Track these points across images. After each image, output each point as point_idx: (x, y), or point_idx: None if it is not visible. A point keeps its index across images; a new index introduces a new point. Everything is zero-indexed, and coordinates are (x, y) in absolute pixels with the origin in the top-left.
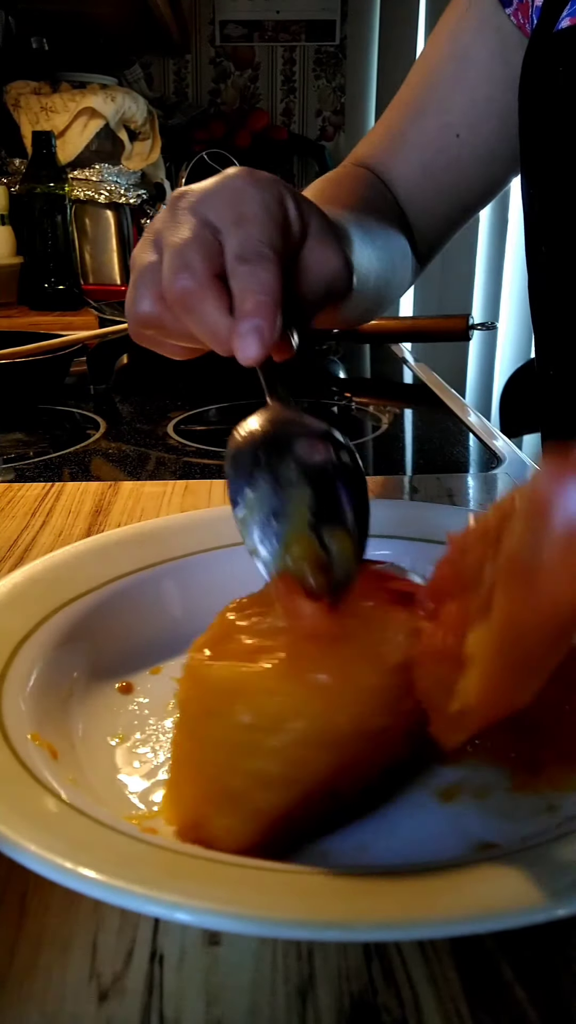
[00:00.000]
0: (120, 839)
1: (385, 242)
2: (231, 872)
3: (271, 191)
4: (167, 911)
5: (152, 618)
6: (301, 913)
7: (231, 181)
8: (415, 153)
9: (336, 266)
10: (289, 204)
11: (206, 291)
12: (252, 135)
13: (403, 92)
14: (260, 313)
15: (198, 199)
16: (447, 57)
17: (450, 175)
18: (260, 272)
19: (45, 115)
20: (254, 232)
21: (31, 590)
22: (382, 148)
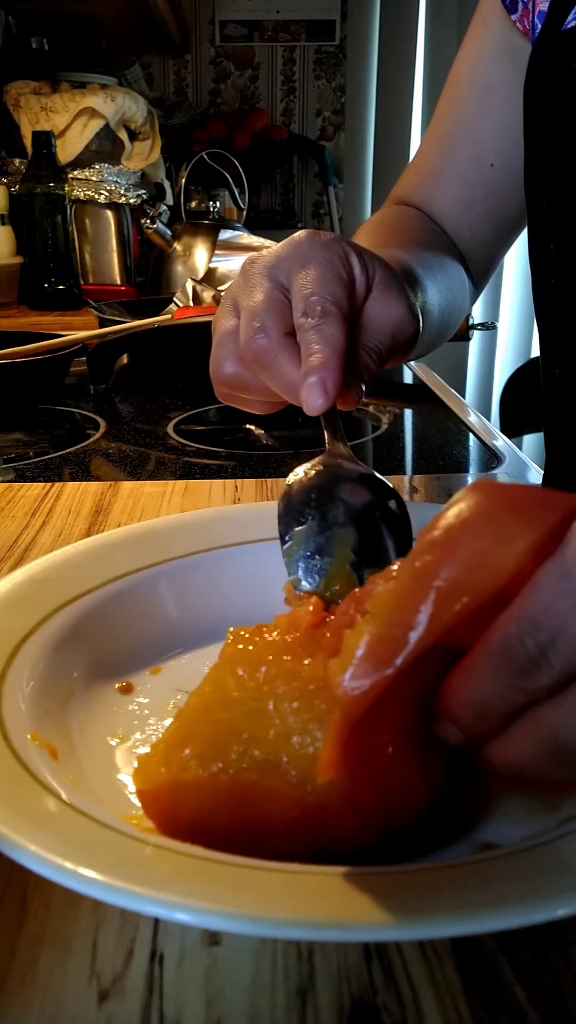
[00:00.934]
0: (120, 839)
1: (444, 274)
2: (231, 872)
3: (334, 249)
4: (167, 911)
5: (152, 618)
6: (300, 913)
7: (298, 243)
8: (453, 188)
9: (401, 313)
10: (353, 260)
11: (278, 349)
12: (252, 135)
13: (432, 129)
14: (323, 366)
15: (268, 263)
16: (469, 89)
17: (490, 202)
18: (324, 327)
19: (45, 115)
20: (318, 289)
21: (31, 590)
22: (420, 186)
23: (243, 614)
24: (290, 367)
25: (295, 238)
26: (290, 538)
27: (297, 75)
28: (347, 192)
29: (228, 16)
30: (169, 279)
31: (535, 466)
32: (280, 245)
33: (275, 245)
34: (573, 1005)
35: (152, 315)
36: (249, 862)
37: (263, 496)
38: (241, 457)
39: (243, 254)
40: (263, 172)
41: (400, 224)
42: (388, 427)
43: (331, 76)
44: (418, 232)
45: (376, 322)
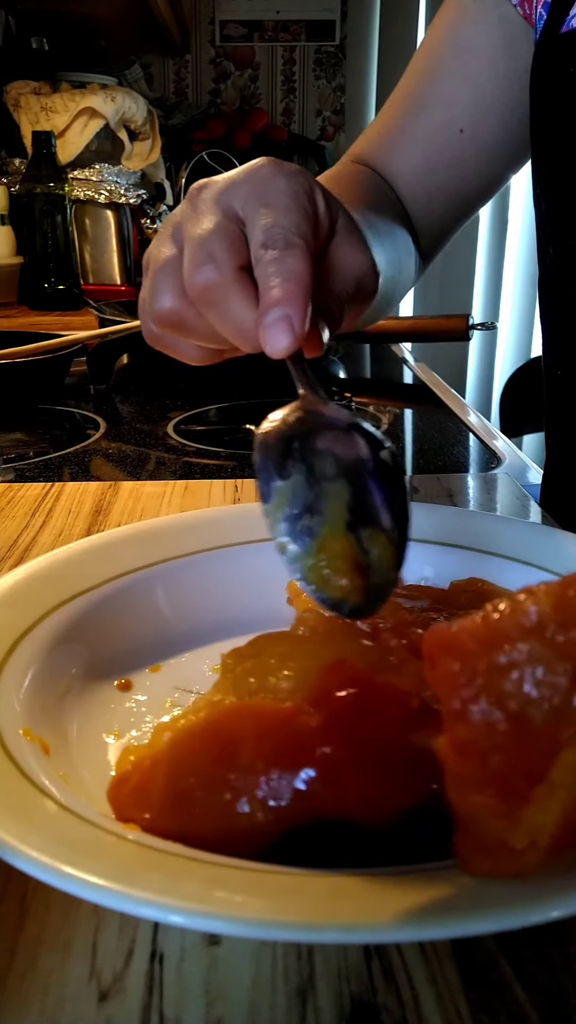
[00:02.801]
0: (112, 840)
1: (391, 241)
2: (226, 874)
3: (299, 181)
4: (162, 914)
5: (153, 616)
6: (298, 915)
7: (257, 170)
8: (416, 149)
9: (365, 263)
10: (318, 196)
11: (231, 283)
12: (252, 135)
13: (402, 86)
14: (288, 301)
15: (221, 189)
16: (448, 50)
17: (452, 172)
18: (288, 259)
19: (45, 115)
20: (281, 220)
21: (33, 587)
22: (381, 145)
23: (243, 613)
24: (243, 305)
25: (254, 164)
26: (272, 495)
27: (297, 75)
28: None
29: (228, 16)
30: None
31: (535, 466)
32: (236, 170)
33: (230, 171)
34: (573, 1005)
35: None
36: (244, 864)
37: None
38: (241, 457)
39: None
40: None
41: (353, 184)
42: (388, 427)
43: (331, 76)
44: (369, 195)
45: (340, 267)
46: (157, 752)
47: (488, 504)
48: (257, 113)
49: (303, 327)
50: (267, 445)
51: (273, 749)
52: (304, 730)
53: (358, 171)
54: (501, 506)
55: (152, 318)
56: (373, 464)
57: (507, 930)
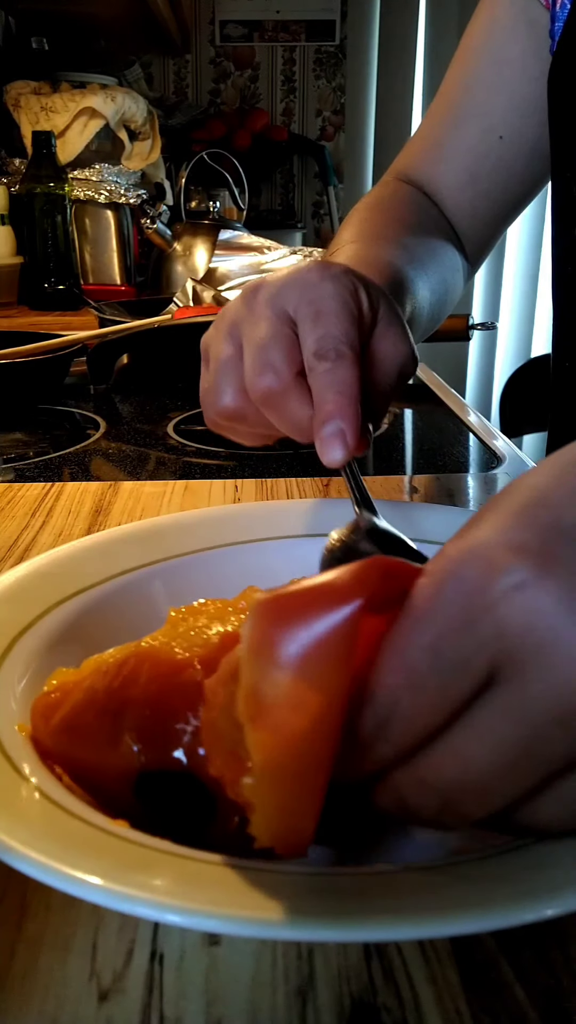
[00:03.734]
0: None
1: (437, 265)
2: (224, 873)
3: (345, 283)
4: (159, 913)
5: (152, 615)
6: (296, 914)
7: (306, 274)
8: (459, 160)
9: (406, 351)
10: (362, 295)
11: (289, 389)
12: (252, 135)
13: (439, 99)
14: (340, 414)
15: (274, 292)
16: (482, 60)
17: (496, 177)
18: (339, 371)
19: (45, 115)
20: (332, 329)
21: (32, 584)
22: (424, 159)
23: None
24: (300, 408)
25: (302, 268)
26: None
27: (297, 75)
28: (347, 192)
29: (228, 16)
30: (169, 279)
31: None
32: (285, 273)
33: (279, 272)
34: (573, 1005)
35: (152, 315)
36: (242, 863)
37: (263, 496)
38: (241, 457)
39: (243, 254)
40: (263, 172)
41: (395, 209)
42: (388, 427)
43: (331, 76)
44: (411, 216)
45: (384, 361)
46: (78, 677)
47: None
48: (257, 113)
49: (356, 438)
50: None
51: (156, 691)
52: (186, 682)
53: (400, 191)
54: None
55: (215, 413)
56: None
57: (503, 928)
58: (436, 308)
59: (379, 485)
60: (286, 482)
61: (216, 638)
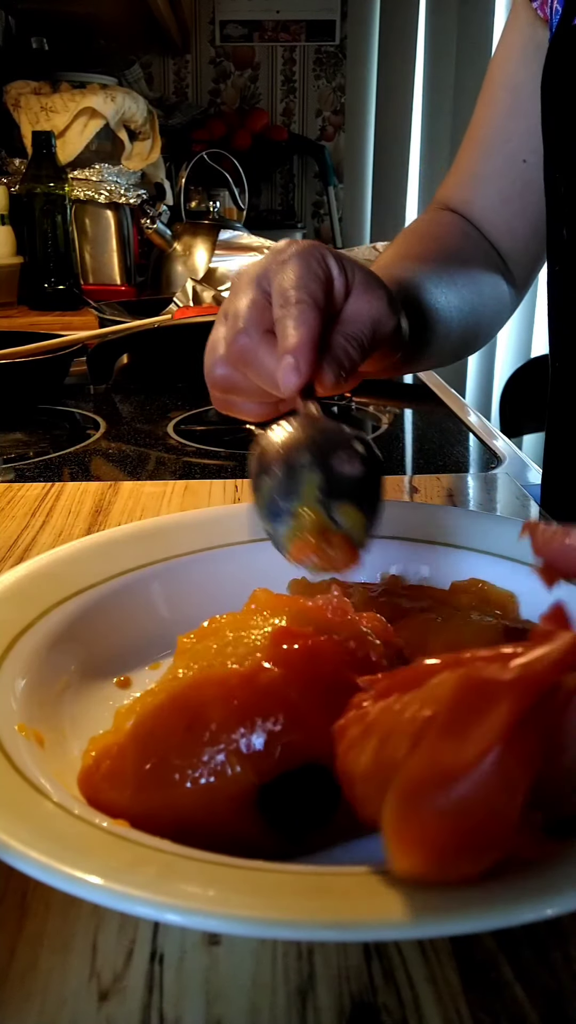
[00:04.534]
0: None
1: (470, 283)
2: (224, 872)
3: (310, 252)
4: (158, 912)
5: (152, 615)
6: (295, 913)
7: (277, 252)
8: (491, 186)
9: (380, 306)
10: (330, 261)
11: (259, 344)
12: (252, 135)
13: (470, 131)
14: (295, 347)
15: (254, 273)
16: (500, 89)
17: (526, 199)
18: (295, 311)
19: (45, 115)
20: (293, 284)
21: (32, 584)
22: (459, 188)
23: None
24: (270, 359)
25: (276, 247)
26: (259, 489)
27: (297, 75)
28: (347, 192)
29: (228, 16)
30: (169, 279)
31: (535, 466)
32: (265, 256)
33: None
34: (573, 1005)
35: (152, 315)
36: (241, 862)
37: None
38: (241, 457)
39: (243, 254)
40: (263, 172)
41: (435, 232)
42: (388, 427)
43: (331, 76)
44: (450, 238)
45: (357, 314)
46: (123, 736)
47: (488, 504)
48: (257, 113)
49: (309, 366)
50: (259, 453)
51: (241, 704)
52: (265, 682)
53: (441, 217)
54: (501, 506)
55: (210, 386)
56: (347, 453)
57: (503, 928)
58: (469, 322)
59: None
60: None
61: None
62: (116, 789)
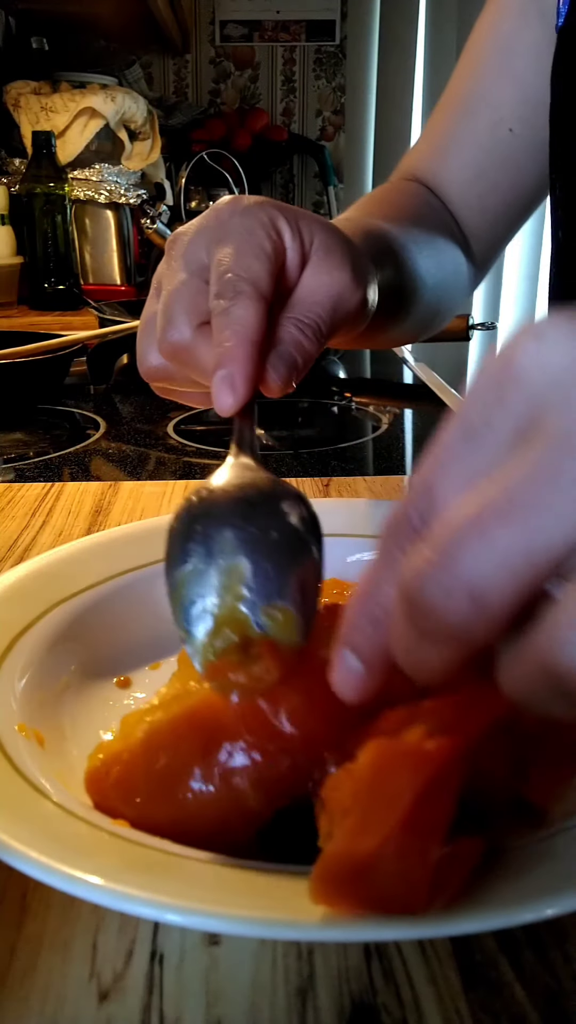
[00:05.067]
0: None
1: (434, 253)
2: (224, 873)
3: (256, 216)
4: (158, 913)
5: (152, 615)
6: (296, 914)
7: (217, 213)
8: (467, 154)
9: (341, 281)
10: (281, 225)
11: (194, 342)
12: (252, 135)
13: (448, 92)
14: (230, 358)
15: (188, 240)
16: (491, 50)
17: (503, 173)
18: (234, 310)
19: (45, 115)
20: (232, 266)
21: (32, 584)
22: (431, 154)
23: None
24: (206, 354)
25: (215, 206)
26: (173, 585)
27: (297, 75)
28: (347, 192)
29: (228, 16)
30: None
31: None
32: (201, 216)
33: (199, 216)
34: (573, 1005)
35: None
36: (239, 863)
37: None
38: None
39: None
40: (263, 172)
41: (397, 199)
42: (388, 427)
43: (331, 76)
44: (413, 208)
45: (313, 293)
46: (135, 744)
47: None
48: (257, 113)
49: (247, 384)
50: (173, 532)
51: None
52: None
53: (405, 186)
54: None
55: (144, 375)
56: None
57: (503, 928)
58: (440, 291)
59: (379, 485)
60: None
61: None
62: (124, 796)
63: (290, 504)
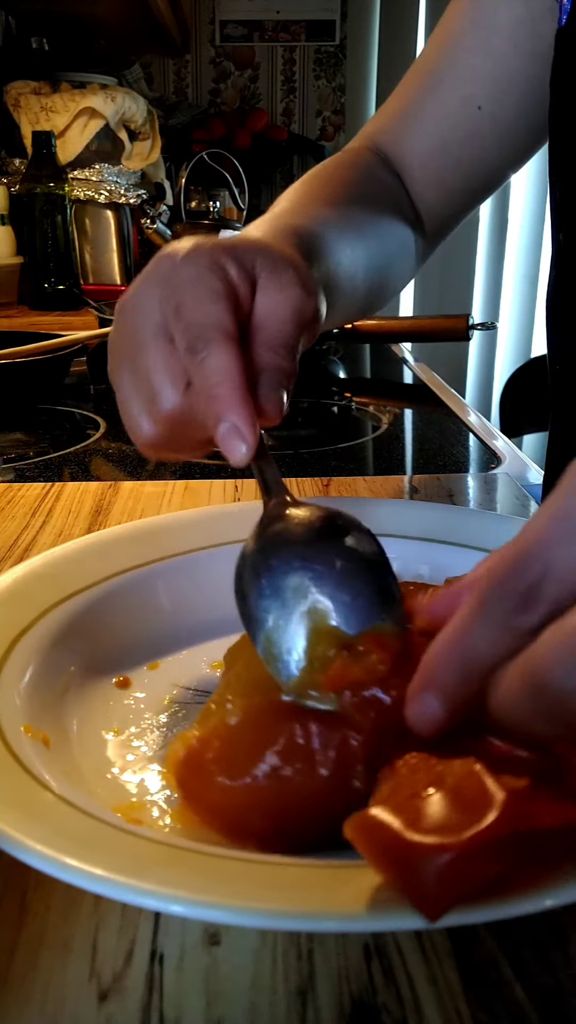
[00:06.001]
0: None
1: (377, 234)
2: (227, 865)
3: (197, 261)
4: (163, 904)
5: (151, 614)
6: (298, 905)
7: (159, 269)
8: (432, 126)
9: (296, 296)
10: (226, 263)
11: (186, 404)
12: (252, 135)
13: (419, 62)
14: (226, 408)
15: (136, 306)
16: (469, 24)
17: (469, 149)
18: (211, 360)
19: (45, 115)
20: (194, 317)
21: (31, 585)
22: (397, 122)
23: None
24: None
25: (156, 262)
26: (261, 646)
27: (297, 75)
28: None
29: (228, 16)
30: None
31: (535, 466)
32: (141, 276)
33: (137, 278)
34: (573, 1005)
35: None
36: (244, 855)
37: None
38: None
39: None
40: (263, 172)
41: (344, 174)
42: (388, 427)
43: (331, 76)
44: (358, 183)
45: (272, 313)
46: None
47: (488, 504)
48: (257, 113)
49: (251, 426)
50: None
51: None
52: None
53: (357, 159)
54: (501, 506)
55: (142, 448)
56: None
57: (503, 919)
58: (375, 276)
59: (379, 485)
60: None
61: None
62: (225, 772)
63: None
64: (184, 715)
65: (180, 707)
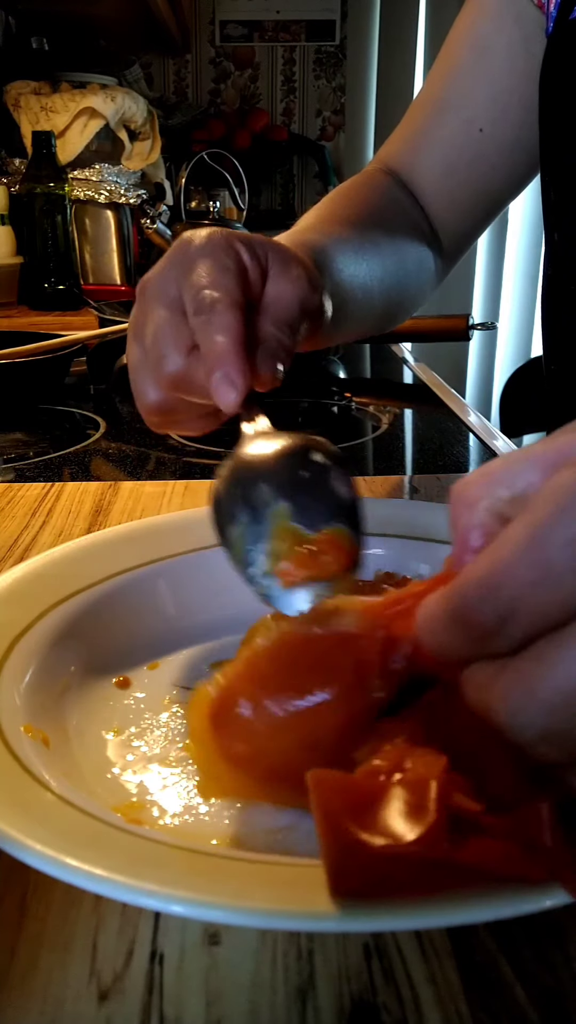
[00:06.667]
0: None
1: (394, 250)
2: (227, 864)
3: (215, 243)
4: (163, 903)
5: (150, 614)
6: (298, 905)
7: (177, 249)
8: (438, 151)
9: (302, 285)
10: (239, 247)
11: (189, 367)
12: (252, 135)
13: (425, 89)
14: (222, 358)
15: (155, 284)
16: (466, 50)
17: (475, 170)
18: (214, 319)
19: (45, 115)
20: (203, 283)
21: (31, 585)
22: (405, 148)
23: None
24: (202, 375)
25: (174, 245)
26: (228, 546)
27: (297, 75)
28: None
29: (228, 16)
30: None
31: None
32: (164, 257)
33: (159, 261)
34: (573, 1005)
35: None
36: (244, 855)
37: None
38: None
39: None
40: (263, 172)
41: (363, 195)
42: (388, 427)
43: (331, 76)
44: (379, 206)
45: (279, 298)
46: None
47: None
48: (257, 113)
49: (243, 377)
50: (217, 501)
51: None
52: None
53: (375, 180)
54: None
55: (146, 414)
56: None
57: (502, 918)
58: (392, 292)
59: (379, 485)
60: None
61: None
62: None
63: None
64: (184, 715)
65: (180, 707)
